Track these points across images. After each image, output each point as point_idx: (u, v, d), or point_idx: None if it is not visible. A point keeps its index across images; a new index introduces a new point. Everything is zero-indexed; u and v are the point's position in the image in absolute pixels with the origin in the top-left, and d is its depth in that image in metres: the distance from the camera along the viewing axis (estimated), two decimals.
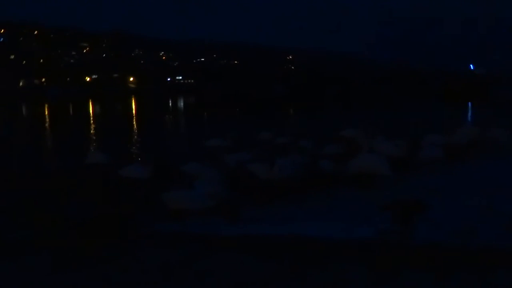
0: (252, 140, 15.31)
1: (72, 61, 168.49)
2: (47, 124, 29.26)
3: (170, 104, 57.62)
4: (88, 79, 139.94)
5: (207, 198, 7.59)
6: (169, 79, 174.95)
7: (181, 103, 60.27)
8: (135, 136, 20.43)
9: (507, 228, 6.00)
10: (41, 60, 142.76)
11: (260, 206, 8.28)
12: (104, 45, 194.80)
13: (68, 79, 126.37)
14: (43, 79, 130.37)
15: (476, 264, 4.28)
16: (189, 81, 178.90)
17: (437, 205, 7.36)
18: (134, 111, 43.89)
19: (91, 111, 44.37)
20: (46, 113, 42.66)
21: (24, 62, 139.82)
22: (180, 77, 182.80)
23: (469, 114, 31.99)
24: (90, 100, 68.02)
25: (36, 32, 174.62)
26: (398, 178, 9.60)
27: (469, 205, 7.35)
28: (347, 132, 16.00)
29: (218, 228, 6.66)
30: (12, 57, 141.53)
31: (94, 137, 20.41)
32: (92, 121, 30.94)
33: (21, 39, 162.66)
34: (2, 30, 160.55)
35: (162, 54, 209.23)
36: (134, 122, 29.98)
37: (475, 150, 13.18)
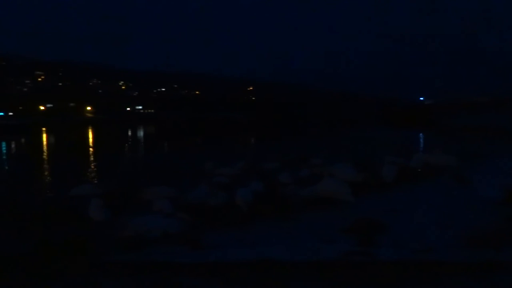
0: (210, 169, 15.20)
1: (25, 89, 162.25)
2: None
3: (129, 133, 56.30)
4: (42, 108, 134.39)
5: (169, 223, 7.39)
6: (128, 108, 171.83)
7: (140, 133, 59.05)
8: (90, 166, 19.62)
9: (462, 244, 6.27)
10: None
11: (223, 231, 8.13)
12: (60, 74, 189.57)
13: (21, 107, 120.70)
14: None
15: (438, 276, 4.40)
16: (149, 110, 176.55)
17: (396, 225, 7.59)
18: (90, 141, 42.44)
19: (44, 141, 42.42)
20: None
21: None
22: (140, 107, 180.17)
23: (420, 140, 33.63)
24: (44, 130, 65.20)
25: None
26: (359, 200, 9.82)
27: (426, 224, 7.62)
28: (309, 158, 16.41)
29: (181, 256, 6.43)
30: None
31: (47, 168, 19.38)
32: (44, 152, 29.51)
33: None
34: None
35: (122, 83, 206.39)
36: (90, 152, 28.94)
37: (426, 173, 13.90)
